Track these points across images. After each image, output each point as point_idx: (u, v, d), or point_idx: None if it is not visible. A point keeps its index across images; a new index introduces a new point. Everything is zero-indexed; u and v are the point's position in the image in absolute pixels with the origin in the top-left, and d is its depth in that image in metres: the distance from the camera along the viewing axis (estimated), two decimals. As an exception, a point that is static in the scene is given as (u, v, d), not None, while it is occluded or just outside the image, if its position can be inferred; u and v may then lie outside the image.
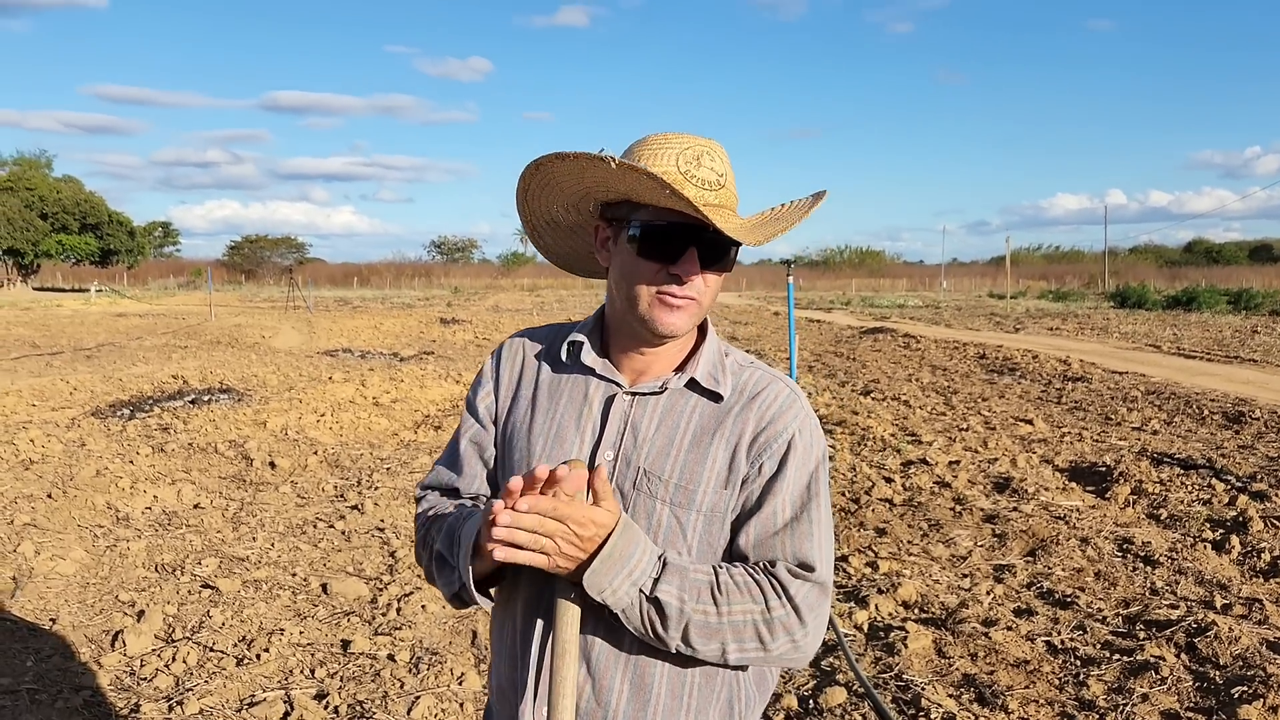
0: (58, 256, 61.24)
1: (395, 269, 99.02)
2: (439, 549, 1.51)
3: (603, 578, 1.31)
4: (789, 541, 1.44)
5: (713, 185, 1.41)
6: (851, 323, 31.44)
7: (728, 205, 1.44)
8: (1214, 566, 5.73)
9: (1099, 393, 13.22)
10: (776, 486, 1.44)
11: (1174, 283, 59.65)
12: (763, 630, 1.38)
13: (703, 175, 1.40)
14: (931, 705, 3.96)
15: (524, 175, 1.48)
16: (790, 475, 1.45)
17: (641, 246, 1.42)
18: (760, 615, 1.38)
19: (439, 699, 4.10)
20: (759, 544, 1.44)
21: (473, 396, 1.63)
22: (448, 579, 1.50)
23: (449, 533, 1.50)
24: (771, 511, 1.44)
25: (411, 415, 11.33)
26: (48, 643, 4.69)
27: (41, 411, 10.54)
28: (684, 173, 1.40)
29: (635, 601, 1.34)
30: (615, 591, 1.32)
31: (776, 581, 1.40)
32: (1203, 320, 31.30)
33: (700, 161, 1.41)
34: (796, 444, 1.46)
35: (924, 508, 7.08)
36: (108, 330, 24.56)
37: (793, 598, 1.40)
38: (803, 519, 1.45)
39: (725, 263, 1.44)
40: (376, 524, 6.76)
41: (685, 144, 1.42)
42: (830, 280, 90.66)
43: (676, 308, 1.43)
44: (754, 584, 1.39)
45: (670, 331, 1.44)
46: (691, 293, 1.43)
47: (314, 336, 23.26)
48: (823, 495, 1.48)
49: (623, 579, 1.32)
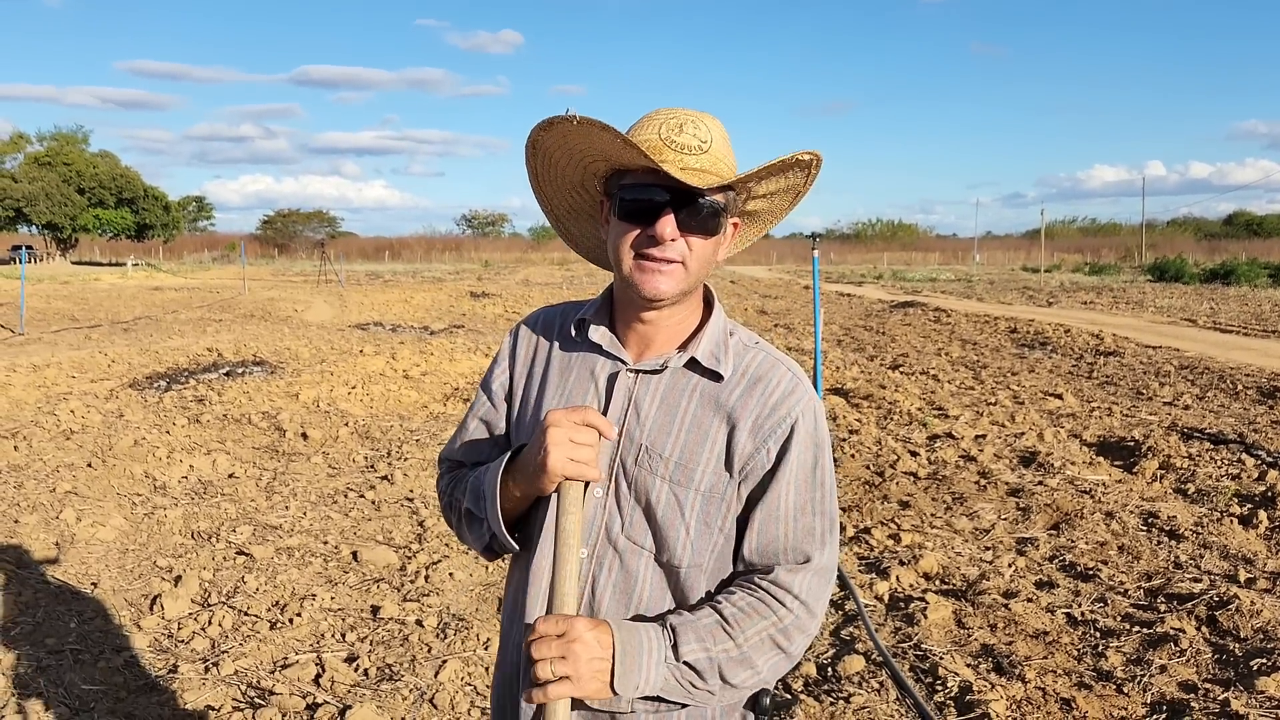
0: (95, 231, 62.08)
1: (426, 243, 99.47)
2: (467, 506, 1.58)
3: (632, 675, 1.35)
4: (793, 531, 1.48)
5: (693, 150, 1.42)
6: (882, 296, 31.23)
7: (711, 170, 1.44)
8: (1240, 541, 5.71)
9: (1131, 367, 13.10)
10: (780, 474, 1.48)
11: (1213, 256, 58.63)
12: (780, 640, 1.45)
13: (683, 141, 1.42)
14: (949, 674, 4.01)
15: (527, 158, 1.53)
16: (793, 463, 1.48)
17: (622, 209, 1.45)
18: (774, 628, 1.44)
19: (465, 663, 4.20)
20: (763, 532, 1.48)
21: (489, 374, 1.69)
22: (478, 533, 1.57)
23: (473, 490, 1.57)
24: (776, 498, 1.48)
25: (441, 388, 11.46)
26: (89, 606, 4.85)
27: (81, 383, 10.78)
28: (664, 138, 1.42)
29: (669, 675, 1.38)
30: (649, 679, 1.36)
31: (777, 587, 1.46)
32: (1241, 294, 30.78)
33: (683, 129, 1.43)
34: (799, 430, 1.48)
35: (948, 481, 7.09)
36: (144, 304, 24.94)
37: (798, 595, 1.46)
38: (806, 508, 1.48)
39: (708, 226, 1.45)
40: (406, 494, 6.88)
41: (672, 115, 1.45)
42: (861, 253, 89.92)
43: (658, 271, 1.45)
44: (757, 602, 1.45)
45: (654, 295, 1.46)
46: (672, 254, 1.44)
47: (345, 310, 23.50)
48: (827, 482, 1.51)
49: (648, 664, 1.37)
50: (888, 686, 3.95)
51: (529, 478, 1.44)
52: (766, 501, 1.48)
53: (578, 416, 1.40)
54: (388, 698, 3.89)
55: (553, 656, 1.31)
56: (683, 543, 1.47)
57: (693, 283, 1.49)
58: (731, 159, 1.48)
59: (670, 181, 1.41)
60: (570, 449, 1.38)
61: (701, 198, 1.43)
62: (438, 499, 1.73)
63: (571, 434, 1.39)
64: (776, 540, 1.48)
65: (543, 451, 1.39)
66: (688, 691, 1.40)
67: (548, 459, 1.38)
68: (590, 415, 1.41)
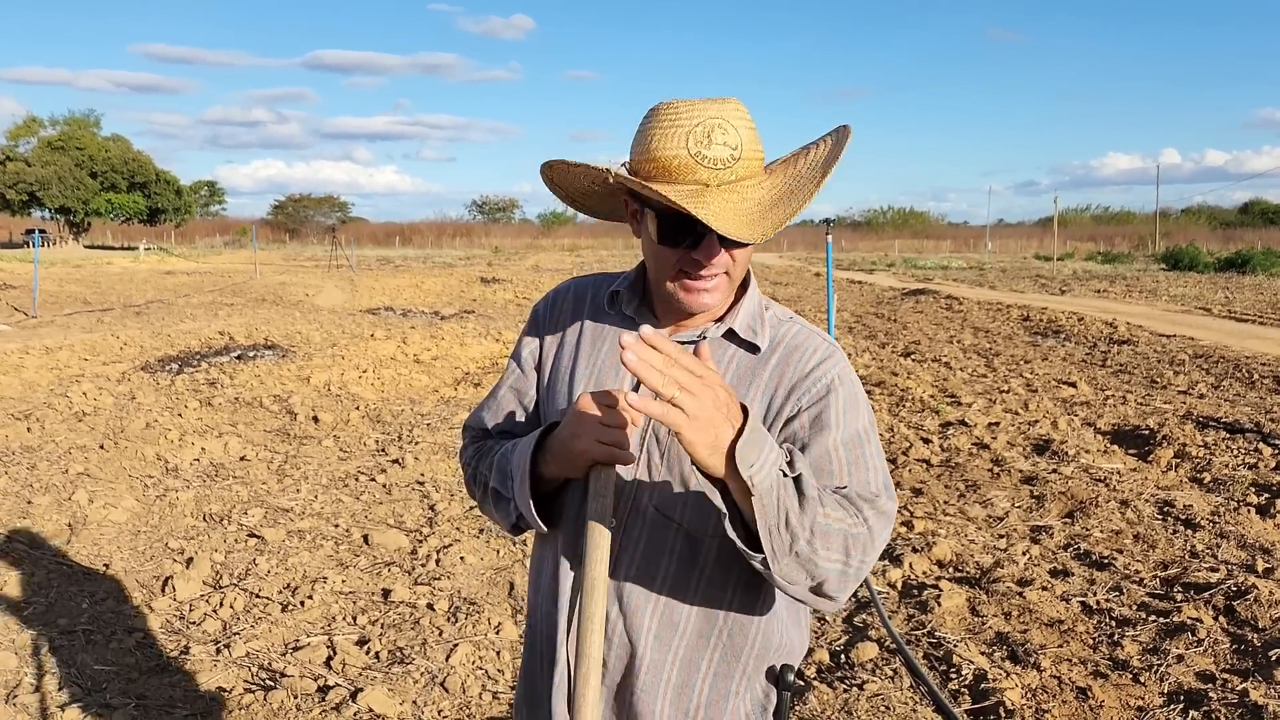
0: (107, 215, 62.19)
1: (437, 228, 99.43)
2: (493, 485, 1.56)
3: (753, 449, 1.17)
4: (849, 481, 1.41)
5: (725, 163, 1.35)
6: (893, 284, 31.11)
7: (747, 175, 1.38)
8: (1257, 530, 5.66)
9: (1145, 356, 13.00)
10: (823, 436, 1.42)
11: (1228, 244, 58.14)
12: (849, 544, 1.30)
13: (714, 155, 1.35)
14: (963, 662, 3.98)
15: (542, 172, 1.52)
16: (836, 422, 1.42)
17: (660, 232, 1.41)
18: (850, 527, 1.31)
19: (476, 647, 4.19)
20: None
21: (519, 344, 1.67)
22: (504, 510, 1.55)
23: (500, 468, 1.55)
24: (823, 457, 1.41)
25: (452, 372, 11.45)
26: (101, 587, 4.85)
27: (93, 366, 10.80)
28: (694, 155, 1.35)
29: (775, 481, 1.20)
30: (763, 466, 1.18)
31: (853, 503, 1.35)
32: (1257, 283, 30.53)
33: (711, 138, 1.35)
34: (837, 388, 1.44)
35: (961, 468, 7.05)
36: (156, 287, 25.01)
37: (867, 519, 1.34)
38: (859, 464, 1.42)
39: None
40: (417, 478, 6.88)
41: (696, 118, 1.36)
42: (873, 241, 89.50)
43: (704, 290, 1.42)
44: (842, 498, 1.35)
45: (701, 309, 1.44)
46: (716, 272, 1.42)
47: (356, 295, 23.52)
48: (874, 440, 1.46)
49: (769, 453, 1.19)
50: (901, 674, 3.93)
51: (560, 460, 1.42)
52: (815, 465, 1.41)
53: (609, 399, 1.37)
54: (399, 680, 3.89)
55: (680, 380, 1.14)
56: (715, 512, 1.45)
57: (736, 286, 1.48)
58: (760, 150, 1.41)
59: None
60: (601, 432, 1.35)
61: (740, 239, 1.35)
62: (461, 469, 1.70)
63: (604, 418, 1.36)
64: (833, 478, 1.42)
65: (573, 435, 1.37)
66: (779, 517, 1.21)
67: (578, 443, 1.35)
68: (622, 399, 1.36)
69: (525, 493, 1.46)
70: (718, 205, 1.33)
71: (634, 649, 1.47)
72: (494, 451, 1.59)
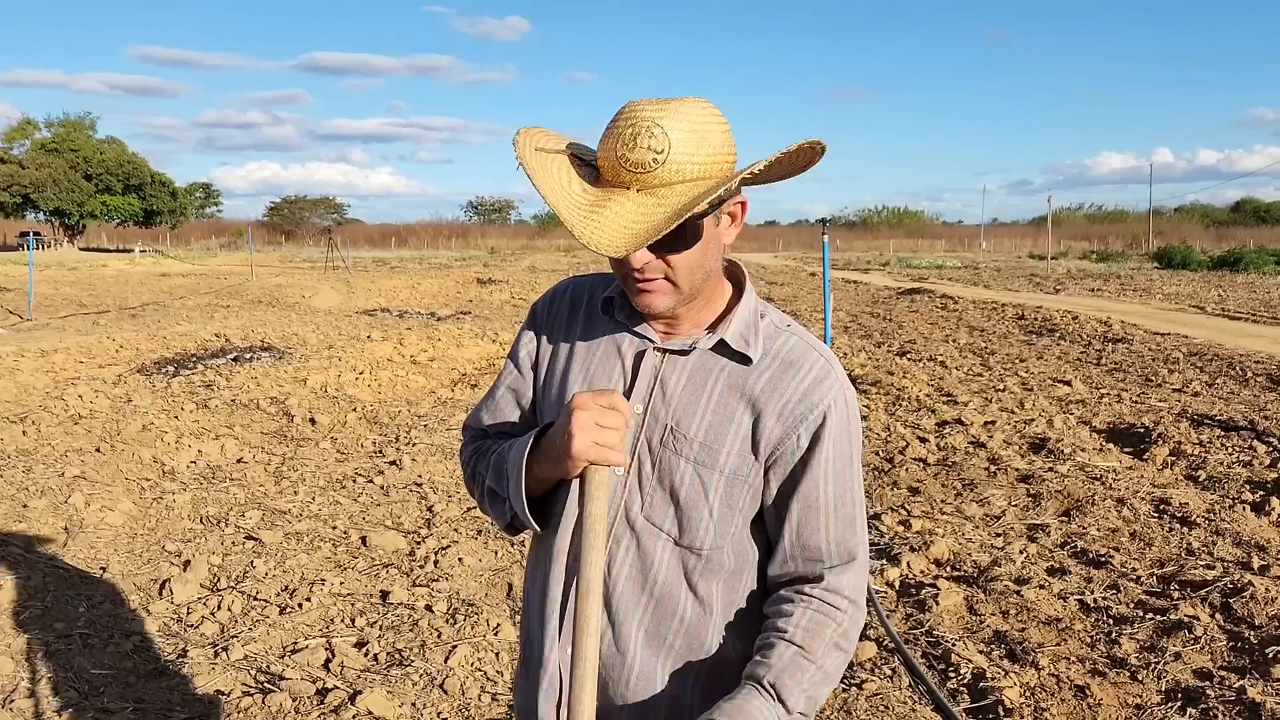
0: (102, 217, 61.99)
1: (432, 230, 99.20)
2: (489, 484, 1.57)
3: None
4: (833, 525, 1.46)
5: (647, 167, 1.34)
6: (888, 283, 31.12)
7: (675, 180, 1.35)
8: (1253, 528, 5.67)
9: (1139, 354, 13.03)
10: (815, 464, 1.44)
11: (1220, 243, 58.26)
12: (843, 644, 1.46)
13: (636, 158, 1.34)
14: (961, 661, 3.99)
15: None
16: (828, 452, 1.44)
17: None
18: (836, 634, 1.44)
19: (475, 648, 4.19)
20: (804, 525, 1.46)
21: (516, 343, 1.66)
22: (500, 510, 1.56)
23: (496, 468, 1.55)
24: (814, 490, 1.45)
25: (448, 373, 11.45)
26: (98, 590, 4.85)
27: (89, 368, 10.78)
28: (619, 157, 1.35)
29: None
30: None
31: (829, 593, 1.45)
32: (1249, 281, 30.61)
33: (636, 141, 1.34)
34: (831, 418, 1.45)
35: (958, 467, 7.06)
36: (152, 290, 24.95)
37: (849, 596, 1.46)
38: (845, 500, 1.46)
39: (680, 241, 1.37)
40: (414, 479, 6.88)
41: (631, 121, 1.35)
42: (868, 241, 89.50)
43: (646, 292, 1.42)
44: (816, 614, 1.44)
45: (649, 312, 1.45)
46: (651, 275, 1.40)
47: (353, 296, 23.49)
48: (859, 473, 1.50)
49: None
50: (900, 673, 3.94)
51: (554, 461, 1.41)
52: (803, 493, 1.45)
53: (604, 400, 1.37)
54: (398, 683, 3.89)
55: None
56: (705, 525, 1.45)
57: (689, 289, 1.44)
58: (703, 153, 1.35)
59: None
60: (596, 433, 1.35)
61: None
62: (461, 469, 1.71)
63: (598, 418, 1.35)
64: (818, 533, 1.46)
65: (568, 435, 1.36)
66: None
67: (573, 443, 1.35)
68: (617, 399, 1.37)
69: (519, 492, 1.46)
70: (620, 210, 1.32)
71: (623, 659, 1.48)
72: (491, 451, 1.60)
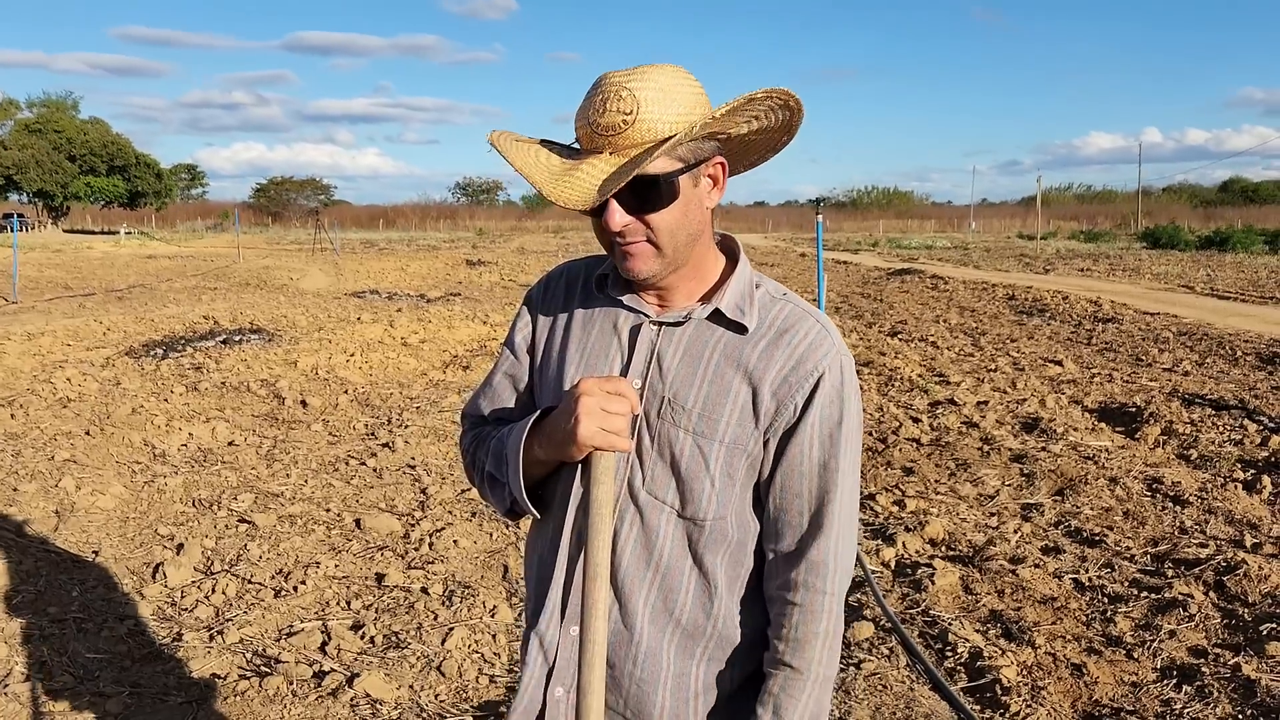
0: (86, 199, 61.48)
1: (420, 211, 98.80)
2: (489, 470, 1.56)
3: None
4: (813, 490, 1.44)
5: (616, 129, 1.36)
6: (879, 264, 31.13)
7: (640, 141, 1.37)
8: (1245, 506, 5.70)
9: (1130, 334, 13.08)
10: (803, 427, 1.44)
11: (1209, 223, 58.48)
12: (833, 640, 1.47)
13: (606, 121, 1.37)
14: (958, 640, 4.00)
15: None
16: (816, 416, 1.44)
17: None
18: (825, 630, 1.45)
19: (472, 630, 4.18)
20: (784, 489, 1.45)
21: (512, 329, 1.66)
22: (499, 495, 1.55)
23: (495, 453, 1.54)
24: (798, 453, 1.44)
25: (440, 355, 11.40)
26: (91, 574, 4.82)
27: (76, 351, 10.69)
28: (591, 123, 1.38)
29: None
30: None
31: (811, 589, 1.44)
32: (1238, 261, 30.74)
33: (606, 106, 1.37)
34: (825, 383, 1.44)
35: (951, 447, 7.07)
36: (138, 272, 24.77)
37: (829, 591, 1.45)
38: (829, 466, 1.44)
39: (658, 200, 1.38)
40: (407, 461, 6.85)
41: (601, 88, 1.38)
42: (857, 221, 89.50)
43: (629, 255, 1.42)
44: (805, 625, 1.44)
45: (633, 276, 1.44)
46: (632, 237, 1.40)
47: (341, 278, 23.37)
48: (851, 439, 1.47)
49: None
50: (898, 653, 3.94)
51: (557, 445, 1.41)
52: (789, 454, 1.44)
53: (610, 386, 1.37)
54: (395, 665, 3.87)
55: None
56: (708, 495, 1.45)
57: (674, 254, 1.44)
58: (672, 111, 1.37)
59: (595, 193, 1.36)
60: (602, 419, 1.35)
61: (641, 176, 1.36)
62: (461, 456, 1.70)
63: (604, 403, 1.35)
64: (800, 497, 1.45)
65: (574, 420, 1.36)
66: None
67: (579, 429, 1.35)
68: (622, 385, 1.38)
69: (519, 475, 1.46)
70: (591, 171, 1.37)
71: (631, 636, 1.47)
72: (491, 437, 1.59)
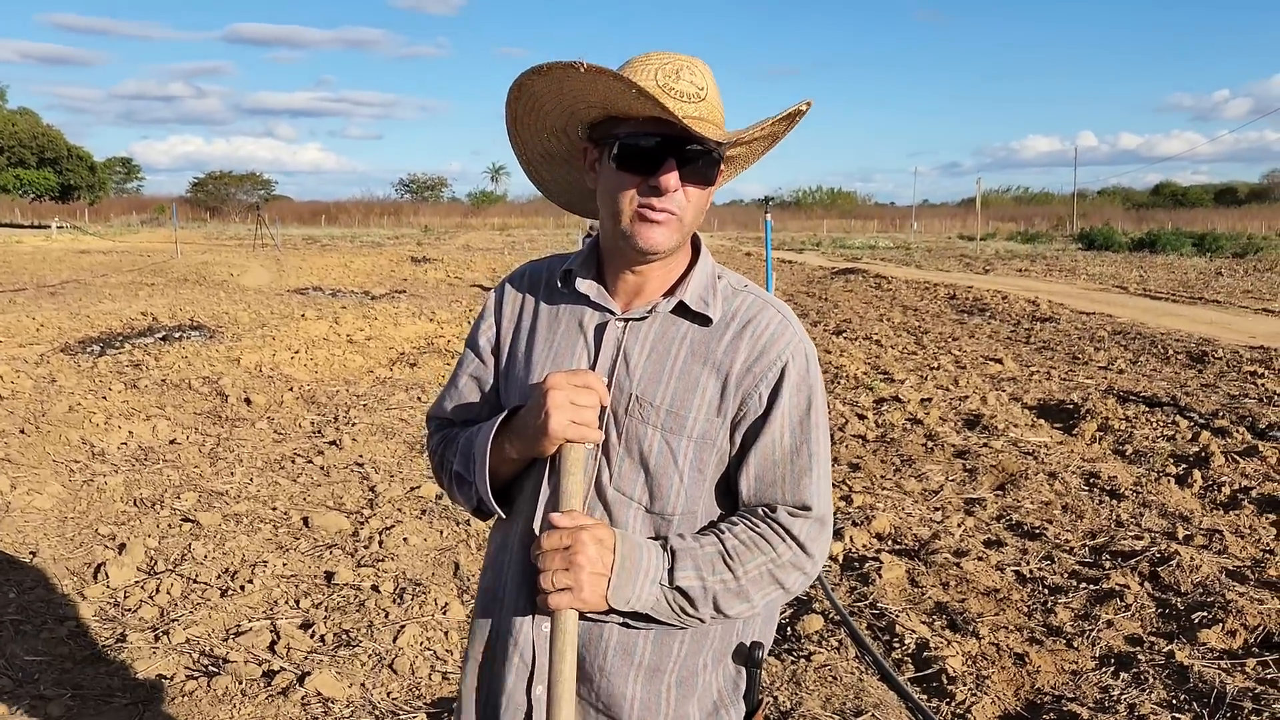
0: (15, 192, 59.71)
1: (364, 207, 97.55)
2: (456, 469, 1.56)
3: (625, 589, 1.37)
4: (789, 476, 1.47)
5: (691, 98, 1.40)
6: (823, 263, 31.48)
7: (709, 119, 1.42)
8: (1177, 500, 5.89)
9: (1066, 333, 13.40)
10: (772, 418, 1.46)
11: (1140, 225, 60.04)
12: (778, 574, 1.45)
13: (681, 88, 1.40)
14: (905, 631, 4.08)
15: (509, 101, 1.48)
16: (785, 405, 1.47)
17: (621, 159, 1.42)
18: (771, 563, 1.44)
19: (424, 628, 4.16)
20: (760, 479, 1.48)
21: (474, 331, 1.65)
22: (467, 494, 1.56)
23: (463, 452, 1.55)
24: (770, 442, 1.47)
25: (386, 353, 11.29)
26: (29, 575, 4.70)
27: (8, 348, 10.39)
28: (662, 85, 1.40)
29: (660, 596, 1.40)
30: (640, 596, 1.38)
31: (778, 526, 1.45)
32: (1168, 262, 31.64)
33: (679, 75, 1.41)
34: (790, 373, 1.47)
35: (896, 444, 7.20)
36: (71, 267, 24.10)
37: (796, 536, 1.45)
38: (801, 451, 1.47)
39: (707, 176, 1.44)
40: (355, 459, 6.78)
41: (665, 60, 1.42)
42: (802, 221, 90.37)
43: (657, 222, 1.42)
44: (758, 537, 1.44)
45: (651, 247, 1.44)
46: (671, 206, 1.42)
47: (283, 274, 22.98)
48: (821, 424, 1.50)
49: (643, 581, 1.38)
50: (847, 644, 4.01)
51: (528, 440, 1.43)
52: (760, 445, 1.47)
53: (578, 379, 1.39)
54: (346, 663, 3.84)
55: (556, 569, 1.35)
56: (676, 490, 1.47)
57: (687, 234, 1.49)
58: (722, 105, 1.47)
59: (676, 131, 1.38)
60: (573, 411, 1.38)
61: (706, 147, 1.41)
62: (429, 458, 1.69)
63: (573, 396, 1.38)
64: (775, 485, 1.48)
65: (544, 414, 1.38)
66: (678, 615, 1.42)
67: (549, 422, 1.37)
68: (590, 378, 1.40)
69: (484, 475, 1.47)
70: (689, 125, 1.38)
71: (600, 630, 1.48)
72: (459, 437, 1.60)
